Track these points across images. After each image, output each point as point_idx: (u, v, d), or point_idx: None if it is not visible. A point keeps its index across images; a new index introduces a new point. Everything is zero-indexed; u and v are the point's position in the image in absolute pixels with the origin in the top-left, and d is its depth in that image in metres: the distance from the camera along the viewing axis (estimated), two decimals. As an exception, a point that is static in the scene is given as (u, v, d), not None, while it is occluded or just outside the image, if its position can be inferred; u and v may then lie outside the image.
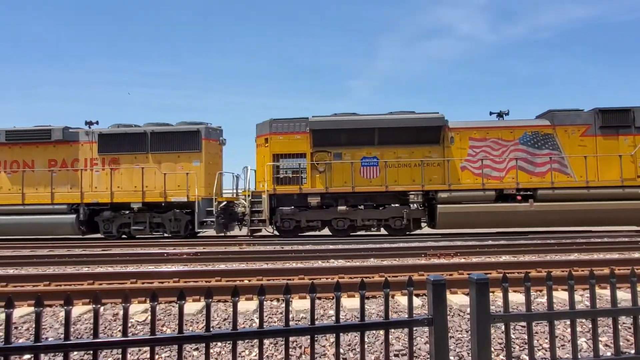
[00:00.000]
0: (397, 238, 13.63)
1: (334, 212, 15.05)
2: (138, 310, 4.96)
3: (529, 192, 14.75)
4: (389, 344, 2.08)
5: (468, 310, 4.88)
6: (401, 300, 5.33)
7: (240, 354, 3.94)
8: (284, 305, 5.22)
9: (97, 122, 16.55)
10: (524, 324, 4.39)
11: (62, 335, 4.44)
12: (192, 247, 11.75)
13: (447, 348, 1.96)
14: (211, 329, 2.00)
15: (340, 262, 8.55)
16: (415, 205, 15.06)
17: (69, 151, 16.09)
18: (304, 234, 15.70)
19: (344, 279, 6.27)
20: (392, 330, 3.90)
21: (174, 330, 4.54)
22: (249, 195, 15.24)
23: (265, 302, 5.24)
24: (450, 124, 15.36)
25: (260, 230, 15.72)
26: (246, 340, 4.06)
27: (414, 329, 2.75)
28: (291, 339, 3.78)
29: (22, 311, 4.96)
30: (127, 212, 15.61)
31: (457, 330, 4.40)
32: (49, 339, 4.25)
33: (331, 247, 11.30)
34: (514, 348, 3.99)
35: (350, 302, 5.13)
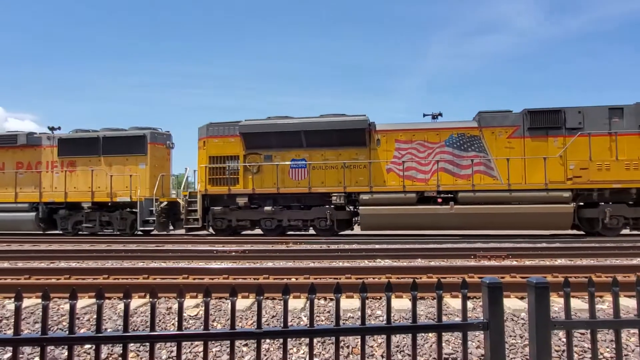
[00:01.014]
0: (446, 239, 13.35)
1: (262, 212, 15.39)
2: (190, 305, 5.11)
3: (450, 195, 14.52)
4: (442, 347, 2.02)
5: (522, 315, 4.70)
6: (451, 302, 5.20)
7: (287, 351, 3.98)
8: (331, 304, 5.23)
9: (59, 128, 18.00)
10: (582, 331, 4.17)
11: (120, 327, 4.65)
12: (240, 245, 12.00)
13: (503, 354, 1.88)
14: (262, 326, 2.01)
15: (388, 262, 8.46)
16: (349, 207, 15.33)
17: (33, 154, 17.55)
18: (246, 232, 16.20)
19: (392, 279, 6.19)
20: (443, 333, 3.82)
21: (224, 326, 4.65)
22: (186, 196, 15.91)
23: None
24: (378, 126, 15.32)
25: (201, 229, 16.18)
26: (294, 338, 4.08)
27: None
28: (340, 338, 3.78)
29: (83, 302, 5.23)
30: (82, 210, 16.89)
31: (510, 336, 4.24)
32: (108, 330, 4.46)
33: (377, 246, 11.21)
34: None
35: (398, 303, 5.06)
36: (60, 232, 17.20)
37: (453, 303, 5.15)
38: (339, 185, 15.00)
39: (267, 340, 4.08)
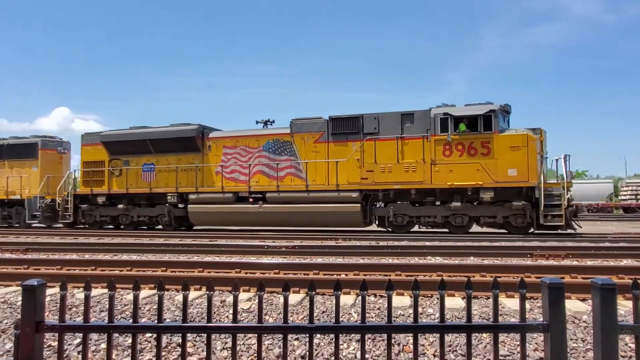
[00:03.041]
0: (500, 237, 12.94)
1: (117, 209, 17.93)
2: (242, 298, 5.23)
3: (260, 195, 16.10)
4: (498, 349, 1.96)
5: (584, 317, 4.47)
6: (506, 302, 5.03)
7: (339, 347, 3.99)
8: (381, 300, 5.20)
9: None
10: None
11: (177, 317, 4.85)
12: (290, 241, 12.17)
13: (565, 357, 1.80)
14: (314, 321, 2.03)
15: (439, 260, 8.30)
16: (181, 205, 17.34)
17: None
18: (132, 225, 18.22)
19: (443, 277, 6.06)
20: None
21: (276, 319, 4.74)
22: (66, 195, 18.54)
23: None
24: (211, 133, 17.36)
25: (75, 223, 18.67)
26: (345, 334, 4.09)
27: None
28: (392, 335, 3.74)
29: (144, 293, 5.48)
30: None
31: (571, 339, 4.05)
32: (167, 320, 4.66)
33: (427, 243, 11.02)
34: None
35: (449, 302, 4.95)
36: None
37: (508, 303, 4.98)
38: (180, 186, 17.09)
39: (318, 335, 4.12)
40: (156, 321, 2.11)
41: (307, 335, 2.06)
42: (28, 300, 2.03)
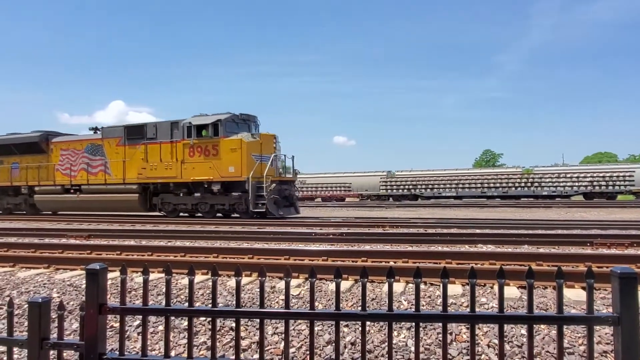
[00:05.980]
0: (556, 224, 12.39)
1: None
2: (292, 284, 5.28)
3: (78, 187, 20.71)
4: (563, 342, 1.86)
5: (652, 309, 4.20)
6: (564, 292, 4.80)
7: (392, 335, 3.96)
8: (431, 289, 5.11)
9: None
10: None
11: (229, 302, 4.98)
12: (337, 228, 12.18)
13: (637, 352, 1.68)
14: (366, 309, 2.01)
15: (490, 248, 8.04)
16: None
17: None
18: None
19: (496, 266, 5.87)
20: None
21: (325, 306, 4.77)
22: None
23: (409, 285, 5.18)
24: (55, 139, 21.88)
25: None
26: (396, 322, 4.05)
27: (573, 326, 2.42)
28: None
29: (197, 278, 5.67)
30: None
31: (638, 332, 3.82)
32: (219, 305, 4.80)
33: (478, 231, 10.71)
34: None
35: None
36: None
37: (568, 294, 4.75)
38: (30, 180, 21.86)
39: (368, 322, 4.10)
40: (210, 305, 2.16)
41: (357, 322, 2.04)
42: (91, 284, 2.13)
